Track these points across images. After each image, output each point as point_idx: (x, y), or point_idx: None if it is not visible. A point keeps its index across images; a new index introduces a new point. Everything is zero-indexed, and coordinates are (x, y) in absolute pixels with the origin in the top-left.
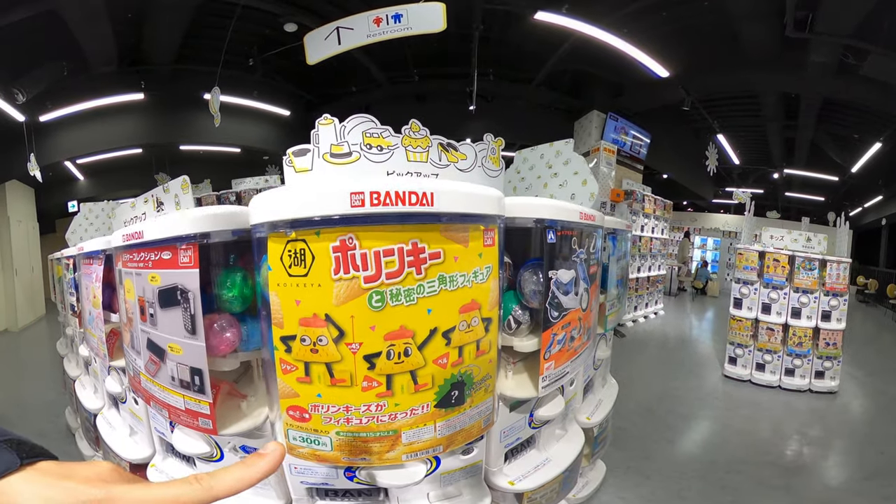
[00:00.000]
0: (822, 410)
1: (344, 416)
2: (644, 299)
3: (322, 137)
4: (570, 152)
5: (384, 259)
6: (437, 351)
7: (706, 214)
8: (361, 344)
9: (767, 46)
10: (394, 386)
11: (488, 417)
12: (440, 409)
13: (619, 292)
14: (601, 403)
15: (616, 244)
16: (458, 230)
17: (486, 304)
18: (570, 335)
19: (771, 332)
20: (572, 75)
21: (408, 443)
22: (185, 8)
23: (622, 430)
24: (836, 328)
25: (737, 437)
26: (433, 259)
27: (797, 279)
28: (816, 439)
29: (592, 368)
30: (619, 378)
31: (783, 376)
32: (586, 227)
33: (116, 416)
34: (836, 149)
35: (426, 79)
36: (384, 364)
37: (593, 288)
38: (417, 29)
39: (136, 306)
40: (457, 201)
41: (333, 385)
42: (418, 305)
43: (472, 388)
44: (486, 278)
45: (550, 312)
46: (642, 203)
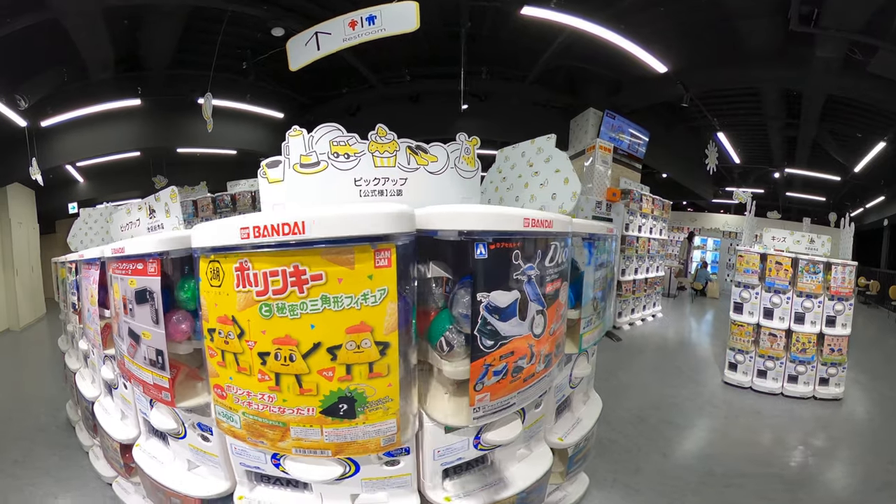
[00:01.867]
0: (828, 418)
1: (246, 400)
2: (642, 301)
3: (292, 149)
4: (551, 148)
5: (270, 278)
6: (321, 363)
7: (706, 214)
8: (256, 342)
9: (770, 41)
10: (281, 383)
11: (390, 438)
12: (326, 416)
13: (599, 306)
14: (579, 423)
15: (593, 252)
16: (341, 253)
17: (381, 328)
18: (513, 366)
19: (773, 338)
20: (567, 72)
21: (296, 437)
22: (178, 15)
23: (611, 442)
24: (841, 334)
25: (737, 447)
26: (315, 280)
27: (801, 283)
28: (822, 449)
29: (568, 387)
30: (613, 384)
31: (786, 383)
32: (539, 235)
33: (110, 403)
34: (838, 148)
35: (418, 79)
36: (273, 363)
37: (553, 308)
38: (391, 30)
39: (121, 303)
40: (333, 226)
41: (240, 372)
42: (301, 320)
43: (367, 407)
44: (378, 301)
45: (481, 340)
46: (640, 203)
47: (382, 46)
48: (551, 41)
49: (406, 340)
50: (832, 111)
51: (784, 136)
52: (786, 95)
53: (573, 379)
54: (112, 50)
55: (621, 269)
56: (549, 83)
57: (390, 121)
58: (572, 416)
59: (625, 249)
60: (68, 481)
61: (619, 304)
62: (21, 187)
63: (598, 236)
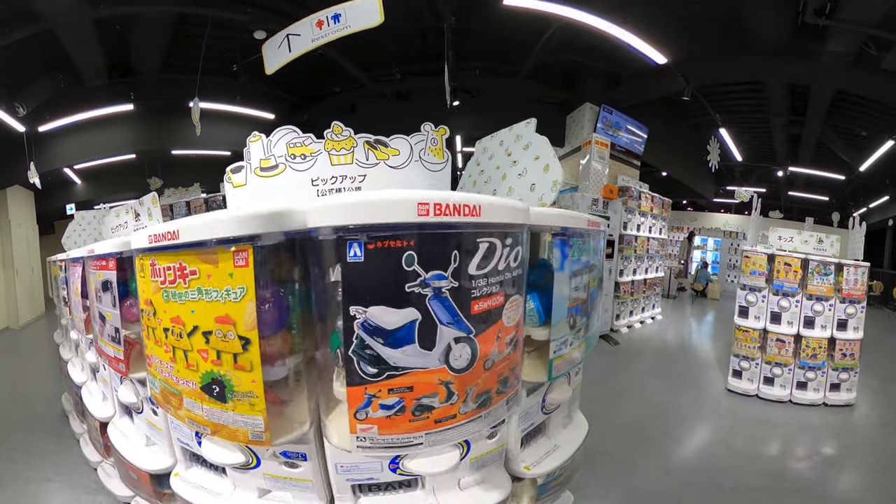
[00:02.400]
0: (841, 426)
1: (160, 367)
2: (640, 303)
3: (252, 153)
4: (531, 134)
5: (166, 272)
6: (198, 344)
7: (706, 214)
8: (161, 320)
9: (777, 34)
10: (176, 356)
11: (258, 434)
12: (204, 393)
13: (579, 322)
14: (556, 450)
15: (568, 252)
16: (207, 253)
17: (242, 324)
18: (413, 403)
19: (781, 344)
20: (562, 67)
21: (187, 408)
22: (165, 21)
23: (604, 455)
24: (853, 338)
25: (746, 459)
26: (192, 275)
27: (811, 285)
28: (838, 459)
29: (540, 414)
30: (608, 391)
31: (794, 390)
32: (452, 228)
33: (94, 386)
34: (843, 146)
35: (409, 76)
36: (170, 338)
37: (490, 334)
38: (356, 26)
39: (94, 292)
40: (198, 232)
41: (156, 343)
42: (185, 305)
43: (234, 395)
44: (238, 298)
45: (360, 365)
46: (638, 200)
47: (372, 44)
48: (541, 34)
49: (281, 343)
50: (839, 108)
51: (788, 134)
52: (791, 91)
53: (547, 405)
54: (104, 57)
55: (619, 270)
56: (543, 78)
57: (382, 119)
58: (548, 441)
59: (623, 249)
60: (60, 466)
61: (617, 307)
62: (20, 189)
63: (575, 231)
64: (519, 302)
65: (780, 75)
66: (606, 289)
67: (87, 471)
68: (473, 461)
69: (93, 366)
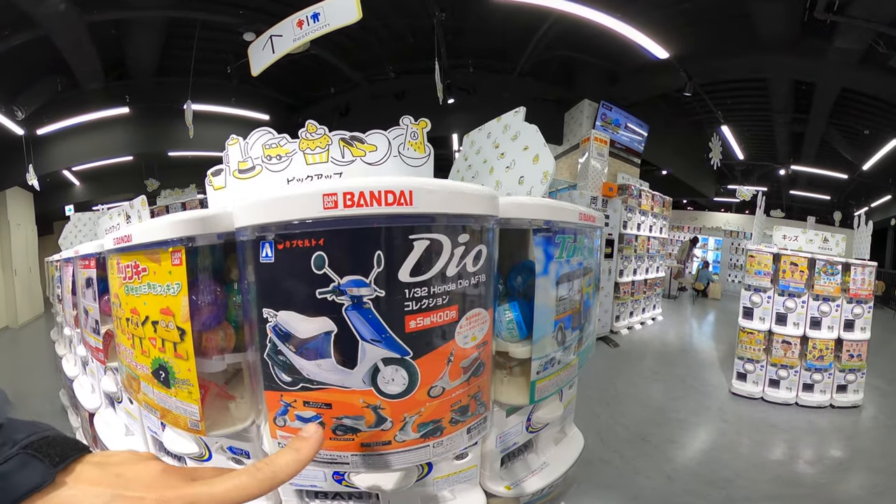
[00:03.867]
0: (850, 428)
1: (125, 354)
2: (641, 304)
3: (231, 156)
4: (519, 123)
5: (126, 269)
6: (149, 332)
7: (707, 213)
8: (124, 311)
9: (784, 29)
10: (134, 343)
11: (195, 423)
12: (154, 377)
13: (570, 337)
14: (545, 467)
15: (552, 253)
16: (151, 253)
17: (179, 315)
18: (333, 422)
19: (787, 346)
20: (560, 63)
21: (143, 392)
22: (158, 26)
23: (604, 463)
24: (860, 338)
25: (756, 466)
26: (143, 272)
27: (818, 285)
28: (852, 461)
29: (525, 433)
30: (608, 396)
31: (801, 392)
32: (372, 222)
33: (86, 380)
34: (846, 145)
35: (403, 75)
36: (130, 327)
37: (439, 356)
38: (335, 24)
39: (80, 289)
40: (143, 235)
41: (121, 332)
42: (140, 297)
43: (175, 382)
44: (176, 292)
45: (274, 370)
46: (639, 199)
47: (365, 44)
48: (536, 29)
49: (218, 338)
50: (843, 106)
51: (791, 132)
52: (796, 88)
53: (533, 424)
54: (100, 61)
55: (619, 270)
56: (540, 75)
57: (378, 118)
58: (536, 458)
59: (623, 249)
60: None
61: (617, 308)
62: (20, 191)
63: (564, 227)
64: (484, 318)
65: (786, 72)
66: (606, 289)
67: None
68: (439, 480)
69: (83, 359)
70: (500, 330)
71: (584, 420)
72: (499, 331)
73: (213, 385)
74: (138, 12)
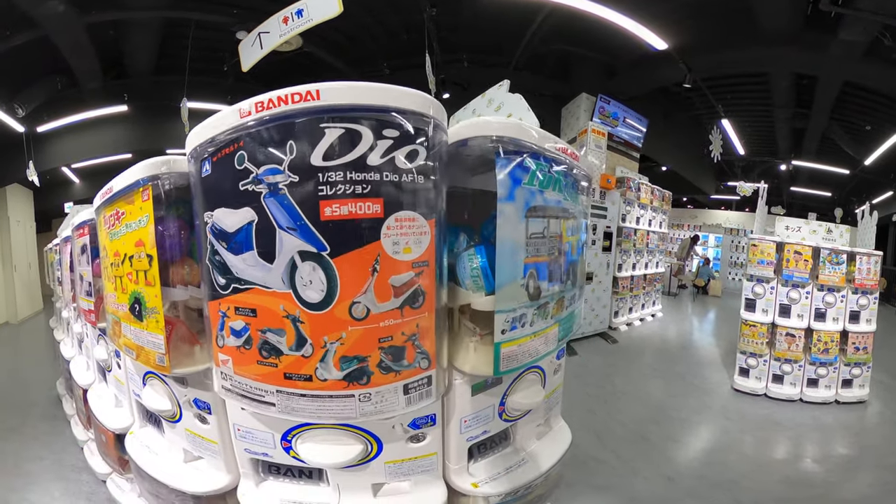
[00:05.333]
0: (857, 424)
1: (109, 300)
2: (640, 300)
3: None
4: (503, 95)
5: (109, 219)
6: (127, 269)
7: (706, 211)
8: (108, 257)
9: (787, 21)
10: (115, 284)
11: (161, 358)
12: (130, 314)
13: (544, 292)
14: (524, 464)
15: (520, 178)
16: (127, 197)
17: (147, 244)
18: (259, 337)
19: (791, 339)
20: (557, 57)
21: (123, 335)
22: (155, 26)
23: (600, 463)
24: (866, 330)
25: (763, 466)
26: (122, 215)
27: (822, 275)
28: (860, 460)
29: (499, 421)
30: (606, 393)
31: (805, 388)
32: (281, 119)
33: (82, 359)
34: (848, 140)
35: (397, 71)
36: (112, 270)
37: (363, 257)
38: (318, 18)
39: (76, 257)
40: (120, 182)
41: (107, 279)
42: (120, 239)
43: (146, 312)
44: (145, 224)
45: (213, 274)
46: (637, 192)
47: (358, 41)
48: (530, 22)
49: (182, 268)
50: (846, 100)
51: (792, 127)
52: (797, 82)
53: (508, 410)
54: (98, 61)
55: (618, 265)
56: (536, 69)
57: None
58: (514, 454)
59: (621, 243)
60: (52, 445)
61: (616, 303)
62: (19, 187)
63: (529, 148)
64: (421, 226)
65: (788, 65)
66: (604, 284)
67: (75, 450)
68: (391, 465)
69: (79, 336)
70: (465, 277)
71: (579, 418)
72: (463, 278)
73: (180, 323)
74: (135, 13)
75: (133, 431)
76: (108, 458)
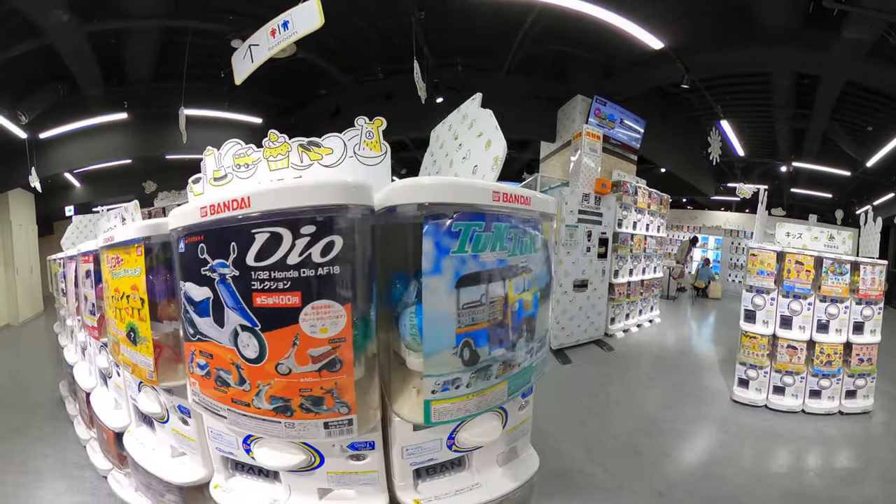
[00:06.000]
0: (862, 435)
1: (111, 324)
2: (637, 305)
3: (207, 166)
4: (475, 111)
5: (111, 260)
6: (125, 304)
7: (706, 212)
8: (110, 291)
9: (787, 19)
10: (116, 314)
11: (150, 374)
12: (127, 338)
13: (483, 358)
14: (476, 488)
15: (448, 246)
16: (125, 248)
17: (140, 289)
18: (215, 371)
19: (793, 351)
20: (551, 58)
21: (122, 354)
22: (155, 34)
23: (588, 476)
24: (870, 341)
25: (765, 480)
26: (120, 261)
27: (825, 286)
28: (867, 472)
29: (448, 451)
30: (599, 403)
31: (807, 399)
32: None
33: (85, 365)
34: (850, 141)
35: (391, 75)
36: (114, 302)
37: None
38: (302, 31)
39: (81, 279)
40: (120, 235)
41: (109, 308)
42: (120, 279)
43: (139, 340)
44: (139, 273)
45: (185, 325)
46: (634, 196)
47: (352, 47)
48: (522, 23)
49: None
50: (847, 101)
51: (792, 128)
52: (798, 82)
53: (458, 444)
54: (99, 69)
55: (614, 271)
56: (530, 71)
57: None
58: (469, 477)
59: (618, 248)
60: (56, 444)
61: (612, 310)
62: (21, 192)
63: (466, 207)
64: (337, 312)
65: (788, 64)
66: (599, 291)
67: (78, 449)
68: (333, 475)
69: (82, 344)
70: (405, 334)
71: (569, 429)
72: (404, 334)
73: (167, 347)
74: (135, 22)
75: (130, 430)
76: (108, 455)
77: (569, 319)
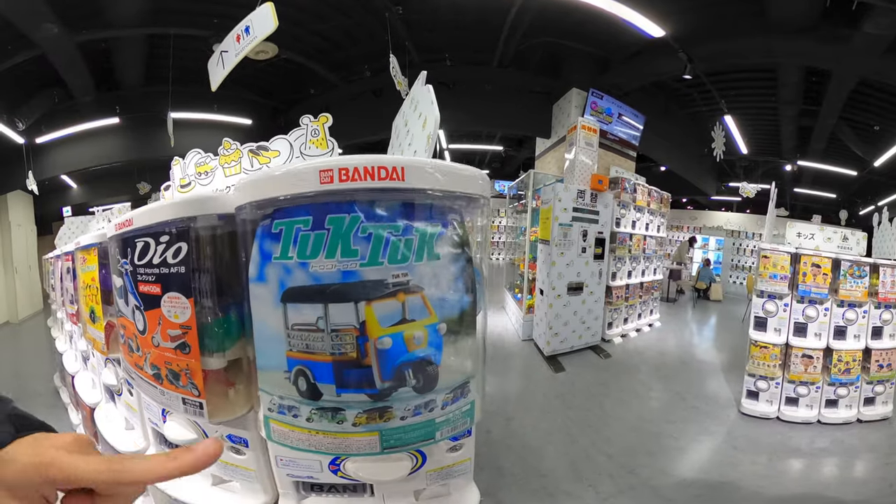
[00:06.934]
0: (884, 443)
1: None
2: (636, 309)
3: (175, 174)
4: (418, 90)
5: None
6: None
7: (707, 212)
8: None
9: (802, 11)
10: (83, 301)
11: (102, 347)
12: (89, 318)
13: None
14: None
15: (270, 250)
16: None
17: (96, 280)
18: (128, 342)
19: (808, 361)
20: (544, 50)
21: (88, 332)
22: (142, 41)
23: (573, 499)
24: (890, 346)
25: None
26: (85, 260)
27: (843, 290)
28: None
29: (331, 474)
30: (593, 417)
31: (823, 409)
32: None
33: (72, 353)
34: (858, 140)
35: (379, 73)
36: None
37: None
38: (261, 34)
39: (64, 273)
40: (83, 240)
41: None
42: (86, 273)
43: (95, 320)
44: (94, 269)
45: (116, 306)
46: (633, 194)
47: (335, 44)
48: (507, 13)
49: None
50: (858, 98)
51: (798, 125)
52: (807, 78)
53: (351, 475)
54: (91, 76)
55: (611, 273)
56: (523, 65)
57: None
58: (375, 502)
59: (615, 249)
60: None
61: (610, 314)
62: (20, 193)
63: (304, 197)
64: (183, 303)
65: (800, 58)
66: (596, 294)
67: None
68: (223, 466)
69: (69, 333)
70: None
71: (557, 446)
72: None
73: (115, 325)
74: (120, 30)
75: (101, 407)
76: (89, 431)
77: (563, 324)
